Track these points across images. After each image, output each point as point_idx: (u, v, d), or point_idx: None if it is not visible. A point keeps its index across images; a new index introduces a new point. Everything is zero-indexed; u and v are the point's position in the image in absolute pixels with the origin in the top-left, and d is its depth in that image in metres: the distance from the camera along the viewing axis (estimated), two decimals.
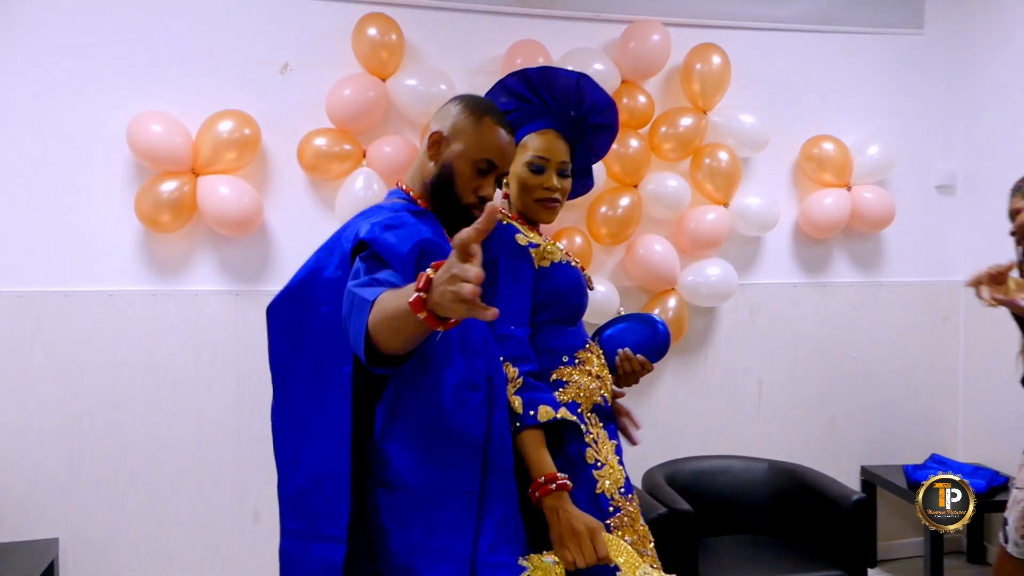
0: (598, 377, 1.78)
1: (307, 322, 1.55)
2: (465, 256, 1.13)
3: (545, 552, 1.54)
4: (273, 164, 3.11)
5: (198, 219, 2.99)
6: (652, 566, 1.65)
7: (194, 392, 3.02)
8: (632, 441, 1.95)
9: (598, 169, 3.14)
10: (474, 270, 1.11)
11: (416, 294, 1.16)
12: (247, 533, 3.07)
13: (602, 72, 3.18)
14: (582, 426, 1.69)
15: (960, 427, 3.84)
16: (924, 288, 3.79)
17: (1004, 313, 3.59)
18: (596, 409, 1.75)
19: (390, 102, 3.10)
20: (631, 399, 2.04)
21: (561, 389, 1.69)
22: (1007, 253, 3.55)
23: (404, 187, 1.68)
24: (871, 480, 3.60)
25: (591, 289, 1.93)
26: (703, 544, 2.80)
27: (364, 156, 3.07)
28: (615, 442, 1.77)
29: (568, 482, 1.58)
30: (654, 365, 1.95)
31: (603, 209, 3.24)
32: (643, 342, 1.94)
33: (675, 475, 2.93)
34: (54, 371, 2.90)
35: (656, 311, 3.33)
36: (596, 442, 1.70)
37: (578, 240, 3.21)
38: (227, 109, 2.95)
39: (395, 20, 3.06)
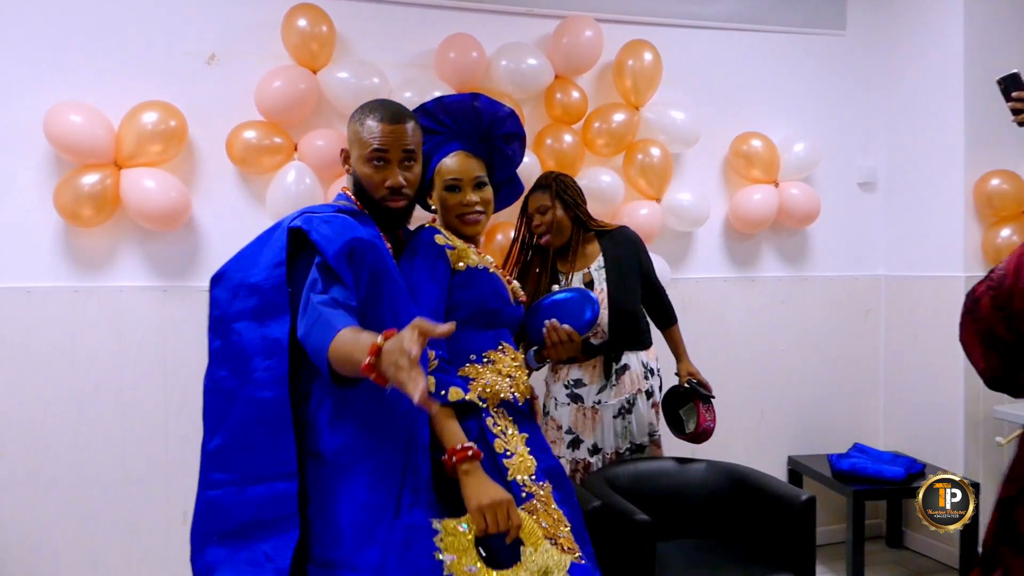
0: (509, 376, 1.86)
1: (248, 283, 1.67)
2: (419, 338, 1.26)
3: (458, 519, 1.60)
4: (201, 157, 3.04)
5: (121, 213, 2.90)
6: (567, 548, 1.68)
7: (118, 391, 2.94)
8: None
9: (533, 164, 3.16)
10: (416, 349, 1.25)
11: (368, 359, 1.31)
12: (176, 534, 2.99)
13: (536, 67, 3.19)
14: (488, 419, 1.79)
15: (881, 416, 3.98)
16: (847, 282, 3.91)
17: (922, 307, 3.75)
18: (504, 404, 1.84)
19: (321, 95, 3.05)
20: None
21: (469, 384, 1.78)
22: (924, 248, 3.71)
23: (348, 192, 1.85)
24: (797, 470, 3.71)
25: (520, 302, 2.04)
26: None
27: (295, 149, 3.03)
28: (526, 435, 1.84)
29: (480, 451, 1.65)
30: (581, 336, 2.17)
31: None
32: (571, 313, 2.17)
33: (615, 479, 2.80)
34: None
35: None
36: (505, 433, 1.79)
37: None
38: (151, 100, 2.87)
39: (326, 12, 3.01)
